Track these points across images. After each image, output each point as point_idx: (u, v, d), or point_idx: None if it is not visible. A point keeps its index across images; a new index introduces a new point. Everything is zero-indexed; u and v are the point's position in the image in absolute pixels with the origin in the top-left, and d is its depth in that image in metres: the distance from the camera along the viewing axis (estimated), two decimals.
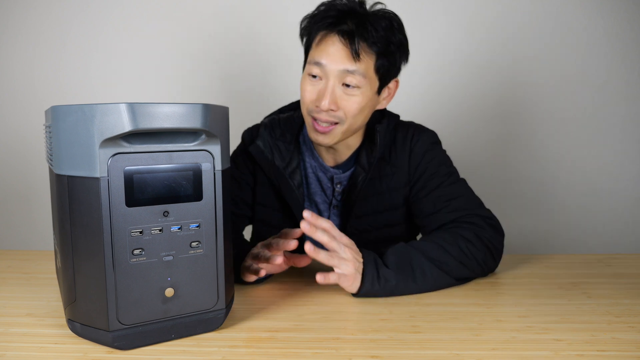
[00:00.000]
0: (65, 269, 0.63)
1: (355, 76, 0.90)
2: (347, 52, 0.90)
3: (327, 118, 0.93)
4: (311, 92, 0.94)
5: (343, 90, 0.92)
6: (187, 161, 0.61)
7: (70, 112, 0.57)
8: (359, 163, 1.01)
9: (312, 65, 0.93)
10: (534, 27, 1.75)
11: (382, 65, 0.93)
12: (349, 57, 0.90)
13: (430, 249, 0.84)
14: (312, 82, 0.94)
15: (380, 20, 0.91)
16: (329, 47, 0.91)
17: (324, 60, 0.91)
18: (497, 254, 0.90)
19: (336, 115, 0.93)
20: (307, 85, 0.95)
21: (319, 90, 0.93)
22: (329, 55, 0.91)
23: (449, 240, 0.86)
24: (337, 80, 0.91)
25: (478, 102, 1.80)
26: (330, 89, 0.91)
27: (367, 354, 0.61)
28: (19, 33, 1.84)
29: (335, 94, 0.92)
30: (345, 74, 0.90)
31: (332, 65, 0.90)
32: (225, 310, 0.67)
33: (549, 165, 1.82)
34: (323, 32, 0.92)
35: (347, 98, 0.92)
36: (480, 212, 0.93)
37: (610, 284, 0.86)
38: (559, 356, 0.60)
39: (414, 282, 0.81)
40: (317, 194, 1.06)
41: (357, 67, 0.90)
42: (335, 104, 0.92)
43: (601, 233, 1.82)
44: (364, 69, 0.91)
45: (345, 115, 0.93)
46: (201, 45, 1.82)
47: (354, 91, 0.92)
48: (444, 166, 1.00)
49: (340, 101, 0.92)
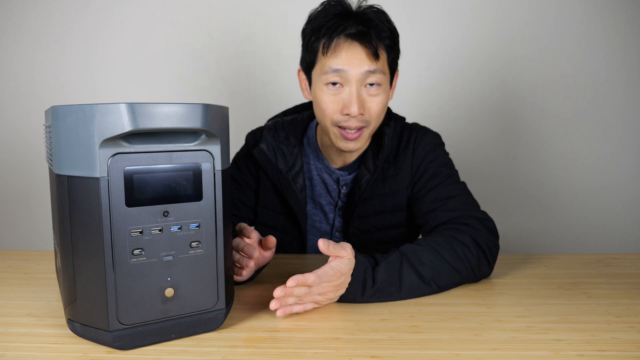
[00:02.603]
0: (65, 269, 0.63)
1: (377, 75, 0.91)
2: (366, 53, 0.90)
3: (356, 124, 0.93)
4: (334, 102, 0.93)
5: (367, 92, 0.92)
6: (187, 161, 0.61)
7: (70, 112, 0.57)
8: (364, 164, 1.02)
9: (329, 75, 0.91)
10: (534, 27, 1.75)
11: (393, 58, 0.95)
12: (370, 58, 0.90)
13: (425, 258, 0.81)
14: (333, 91, 0.93)
15: (378, 15, 0.92)
16: (344, 52, 0.90)
17: (343, 66, 0.90)
18: (492, 258, 0.87)
19: (363, 119, 0.93)
20: (327, 96, 0.93)
21: (343, 98, 0.92)
22: (349, 60, 0.90)
23: (445, 245, 0.83)
24: (360, 84, 0.91)
25: (478, 102, 1.80)
26: (355, 93, 0.91)
27: (367, 354, 0.61)
28: (20, 33, 1.84)
29: (362, 97, 0.92)
30: (367, 75, 0.90)
31: (353, 70, 0.90)
32: (225, 310, 0.67)
33: (548, 165, 1.82)
34: (335, 40, 0.91)
35: (371, 99, 0.92)
36: (477, 214, 0.91)
37: (610, 284, 0.86)
38: (559, 356, 0.60)
39: (399, 295, 0.78)
40: (322, 196, 1.06)
41: (377, 65, 0.91)
42: (363, 108, 0.92)
43: (601, 233, 1.82)
44: (382, 66, 0.92)
45: (371, 116, 0.93)
46: (201, 45, 1.82)
47: (377, 90, 0.92)
48: (444, 167, 1.00)
49: (366, 103, 0.92)
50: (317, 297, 0.74)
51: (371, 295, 0.77)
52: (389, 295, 0.78)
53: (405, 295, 0.79)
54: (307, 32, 0.96)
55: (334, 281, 0.73)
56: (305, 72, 1.00)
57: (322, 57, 0.93)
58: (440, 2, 1.76)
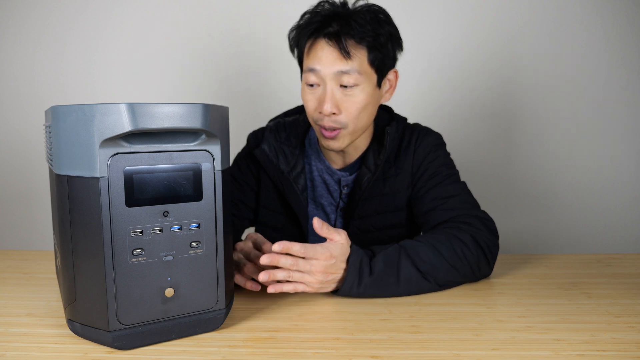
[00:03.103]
0: (65, 269, 0.63)
1: (351, 75, 0.91)
2: (337, 53, 0.90)
3: (330, 124, 0.93)
4: (312, 100, 0.95)
5: (342, 92, 0.92)
6: (187, 161, 0.61)
7: (70, 112, 0.57)
8: (365, 164, 1.02)
9: (307, 74, 0.94)
10: (534, 27, 1.75)
11: (376, 57, 0.93)
12: (340, 58, 0.90)
13: (423, 253, 0.81)
14: (311, 90, 0.95)
15: (364, 14, 0.92)
16: (318, 52, 0.92)
17: (317, 65, 0.92)
18: (491, 258, 0.87)
19: (337, 120, 0.93)
20: (307, 95, 0.96)
21: (319, 97, 0.93)
22: (321, 60, 0.91)
23: (444, 242, 0.83)
24: (333, 83, 0.92)
25: (477, 102, 1.80)
26: (329, 93, 0.92)
27: (367, 354, 0.61)
28: (20, 33, 1.84)
29: (335, 97, 0.92)
30: (340, 75, 0.91)
31: (326, 69, 0.91)
32: (225, 310, 0.67)
33: (548, 165, 1.82)
34: (311, 39, 0.93)
35: (347, 99, 0.92)
36: (477, 213, 0.92)
37: (610, 284, 0.86)
38: (559, 356, 0.60)
39: (397, 288, 0.79)
40: (324, 197, 1.07)
41: (350, 65, 0.90)
42: (337, 107, 0.92)
43: (601, 233, 1.82)
44: (358, 66, 0.91)
45: (348, 117, 0.93)
46: (201, 45, 1.82)
47: (353, 91, 0.92)
48: (444, 167, 1.00)
49: (341, 103, 0.92)
50: (306, 277, 0.75)
51: (369, 286, 0.77)
52: (387, 286, 0.78)
53: (404, 288, 0.79)
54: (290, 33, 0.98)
55: (322, 260, 0.74)
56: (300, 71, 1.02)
57: (305, 57, 0.95)
58: (440, 2, 1.76)
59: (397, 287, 0.79)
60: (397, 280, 0.79)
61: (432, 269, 0.81)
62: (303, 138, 1.08)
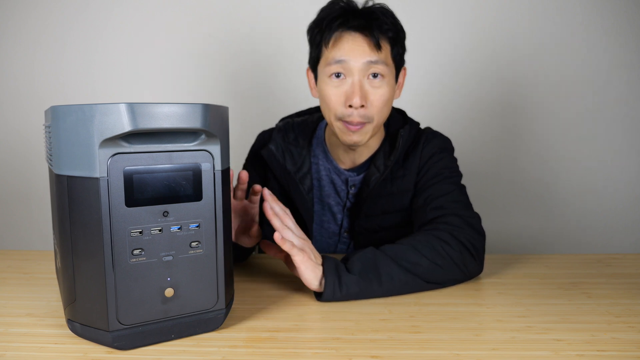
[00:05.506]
0: (65, 269, 0.63)
1: (379, 65, 0.92)
2: (368, 43, 0.91)
3: (358, 119, 0.93)
4: (337, 94, 0.94)
5: (370, 84, 0.93)
6: (186, 161, 0.61)
7: (70, 112, 0.57)
8: (374, 164, 1.02)
9: (332, 66, 0.93)
10: (534, 27, 1.75)
11: (397, 52, 0.95)
12: (371, 48, 0.91)
13: (400, 251, 0.81)
14: (336, 83, 0.94)
15: (383, 11, 0.95)
16: (347, 44, 0.92)
17: (345, 56, 0.91)
18: (477, 254, 0.85)
19: (365, 114, 0.93)
20: (330, 88, 0.94)
21: (346, 90, 0.93)
22: (351, 51, 0.91)
23: (422, 241, 0.83)
24: (362, 74, 0.92)
25: (477, 102, 1.80)
26: (358, 84, 0.92)
27: (367, 354, 0.61)
28: (20, 33, 1.84)
29: (365, 88, 0.92)
30: (370, 65, 0.91)
31: (355, 60, 0.91)
32: (225, 310, 0.67)
33: (548, 164, 1.82)
34: (338, 31, 0.93)
35: (374, 91, 0.93)
36: (462, 212, 0.90)
37: (610, 284, 0.86)
38: (559, 356, 0.60)
39: (380, 286, 0.78)
40: (331, 197, 1.07)
41: (379, 56, 0.91)
42: (365, 99, 0.92)
43: (601, 233, 1.82)
44: (384, 58, 0.92)
45: (374, 111, 0.94)
46: (201, 45, 1.82)
47: (380, 82, 0.93)
48: (447, 170, 1.00)
49: (369, 95, 0.93)
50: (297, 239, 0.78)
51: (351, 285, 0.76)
52: (370, 283, 0.77)
53: (387, 285, 0.78)
54: (312, 27, 0.98)
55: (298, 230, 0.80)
56: (312, 69, 1.02)
57: (325, 50, 0.95)
58: (440, 2, 1.76)
59: (380, 284, 0.78)
60: (378, 276, 0.77)
61: (413, 266, 0.79)
62: (311, 138, 1.08)
